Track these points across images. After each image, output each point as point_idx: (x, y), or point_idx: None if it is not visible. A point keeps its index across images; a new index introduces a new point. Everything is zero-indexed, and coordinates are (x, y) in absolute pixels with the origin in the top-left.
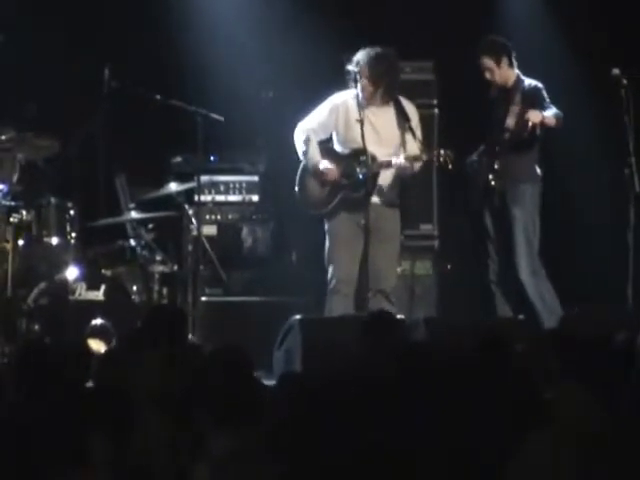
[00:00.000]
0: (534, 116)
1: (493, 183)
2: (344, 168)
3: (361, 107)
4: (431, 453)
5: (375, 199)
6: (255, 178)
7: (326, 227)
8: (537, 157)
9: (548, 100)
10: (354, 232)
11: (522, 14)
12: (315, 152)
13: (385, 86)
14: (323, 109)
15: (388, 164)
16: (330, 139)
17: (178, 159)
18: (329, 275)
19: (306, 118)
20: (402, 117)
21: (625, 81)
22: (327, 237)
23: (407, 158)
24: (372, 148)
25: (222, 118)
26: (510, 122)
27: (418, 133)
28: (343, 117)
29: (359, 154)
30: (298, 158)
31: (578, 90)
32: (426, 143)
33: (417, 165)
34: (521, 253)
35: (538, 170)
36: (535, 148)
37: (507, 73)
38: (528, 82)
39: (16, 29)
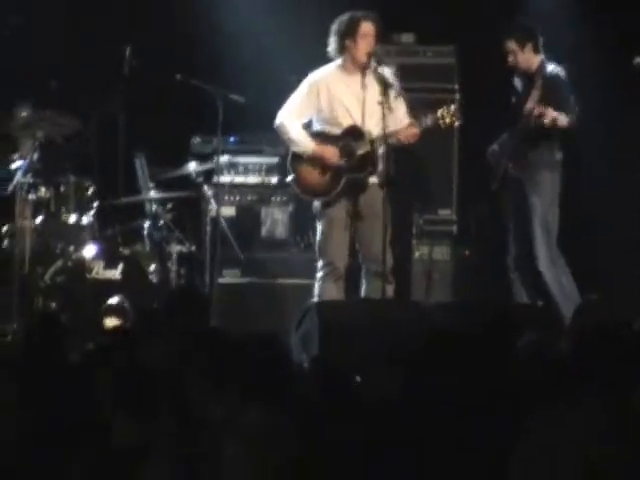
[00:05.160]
0: (546, 115)
1: (512, 170)
2: (342, 149)
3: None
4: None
5: (373, 179)
6: (275, 160)
7: (320, 211)
8: (557, 143)
9: (569, 89)
10: (350, 216)
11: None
12: (305, 137)
13: (362, 53)
14: (301, 91)
15: (390, 135)
16: (317, 119)
17: (198, 139)
18: (322, 261)
19: (284, 105)
20: (383, 84)
21: None
22: (321, 222)
23: (410, 125)
24: (362, 121)
25: (242, 99)
26: (530, 107)
27: (402, 99)
28: (325, 95)
29: (354, 131)
30: None
31: (599, 77)
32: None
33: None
34: (539, 243)
35: (558, 156)
36: (554, 134)
37: (531, 58)
38: (551, 68)
39: (37, 8)
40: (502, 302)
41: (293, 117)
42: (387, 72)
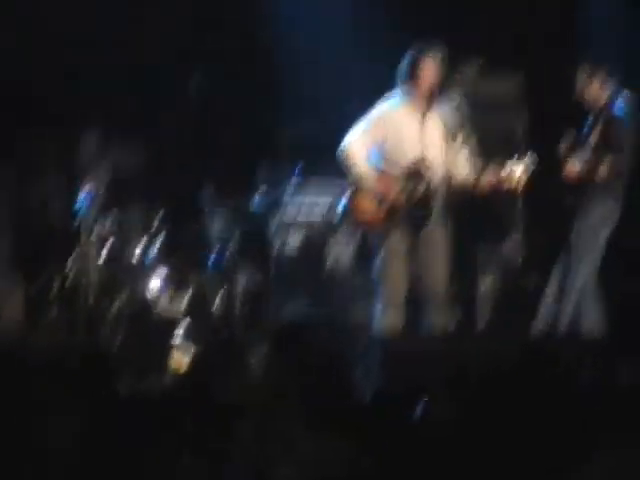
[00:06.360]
0: (570, 171)
1: (571, 200)
2: (402, 185)
3: (409, 114)
4: None
5: (431, 216)
6: (340, 193)
7: (378, 242)
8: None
9: (628, 132)
10: (409, 248)
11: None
12: (366, 167)
13: (427, 89)
14: (367, 122)
15: (450, 181)
16: (378, 152)
17: (264, 174)
18: (381, 292)
19: (354, 130)
20: (446, 124)
21: None
22: (380, 252)
23: (472, 175)
24: (424, 160)
25: (309, 131)
26: (591, 141)
27: (464, 143)
28: (390, 129)
29: (416, 170)
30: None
31: None
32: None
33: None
34: (573, 270)
35: (615, 188)
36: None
37: (599, 92)
38: (617, 104)
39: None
40: (552, 335)
41: (358, 146)
42: (453, 114)
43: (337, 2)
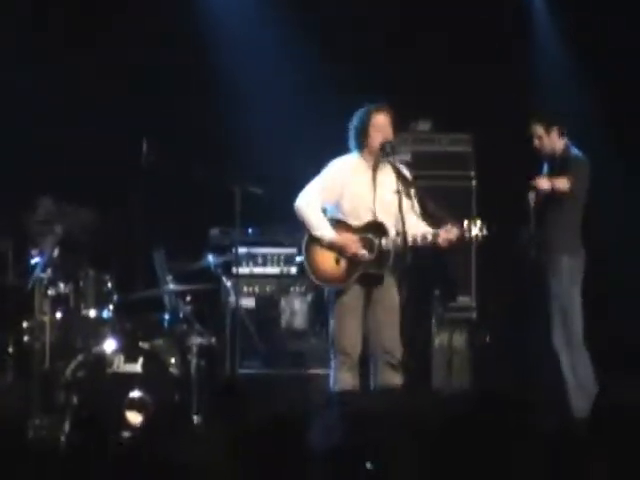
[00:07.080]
0: (541, 183)
1: (532, 254)
2: (362, 241)
3: (362, 170)
4: None
5: (388, 272)
6: (293, 250)
7: (333, 299)
8: (574, 227)
9: (584, 170)
10: (362, 304)
11: (559, 87)
12: (325, 223)
13: (379, 144)
14: (323, 178)
15: (405, 236)
16: (334, 207)
17: (216, 231)
18: (337, 347)
19: (309, 186)
20: (402, 181)
21: None
22: (334, 309)
23: (449, 230)
24: (380, 216)
25: (260, 190)
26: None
27: (415, 202)
28: (346, 186)
29: (376, 226)
30: None
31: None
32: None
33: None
34: (555, 323)
35: (576, 240)
36: (569, 217)
37: (556, 142)
38: (575, 152)
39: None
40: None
41: (314, 202)
42: (405, 171)
43: (287, 63)
